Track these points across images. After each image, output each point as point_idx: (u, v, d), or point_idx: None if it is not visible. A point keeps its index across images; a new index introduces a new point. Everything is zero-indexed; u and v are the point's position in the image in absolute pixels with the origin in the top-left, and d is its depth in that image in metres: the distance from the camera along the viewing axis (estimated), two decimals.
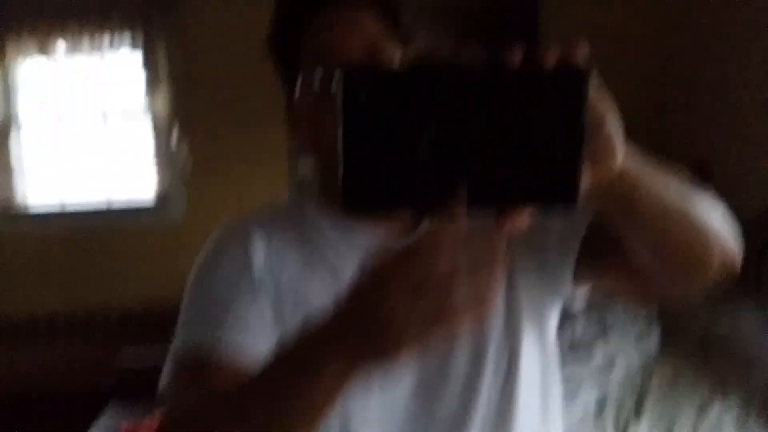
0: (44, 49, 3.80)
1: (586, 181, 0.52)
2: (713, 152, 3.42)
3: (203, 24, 3.85)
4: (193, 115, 3.86)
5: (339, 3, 0.83)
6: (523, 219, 0.51)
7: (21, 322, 4.05)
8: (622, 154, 0.56)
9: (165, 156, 3.91)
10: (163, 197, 3.96)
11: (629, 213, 0.62)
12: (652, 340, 2.86)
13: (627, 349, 2.80)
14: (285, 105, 0.90)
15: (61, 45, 3.81)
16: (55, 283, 4.02)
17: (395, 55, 0.82)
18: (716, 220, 0.70)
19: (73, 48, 3.81)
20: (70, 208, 3.99)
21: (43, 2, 3.74)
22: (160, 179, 3.96)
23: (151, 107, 3.84)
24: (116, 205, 3.98)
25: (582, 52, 0.50)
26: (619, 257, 0.76)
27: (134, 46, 3.81)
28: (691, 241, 0.67)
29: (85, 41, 3.78)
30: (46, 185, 3.99)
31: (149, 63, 3.80)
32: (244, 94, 3.85)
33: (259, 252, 0.84)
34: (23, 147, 3.94)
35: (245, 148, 3.92)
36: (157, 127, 3.88)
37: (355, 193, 0.48)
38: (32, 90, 3.94)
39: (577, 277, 0.86)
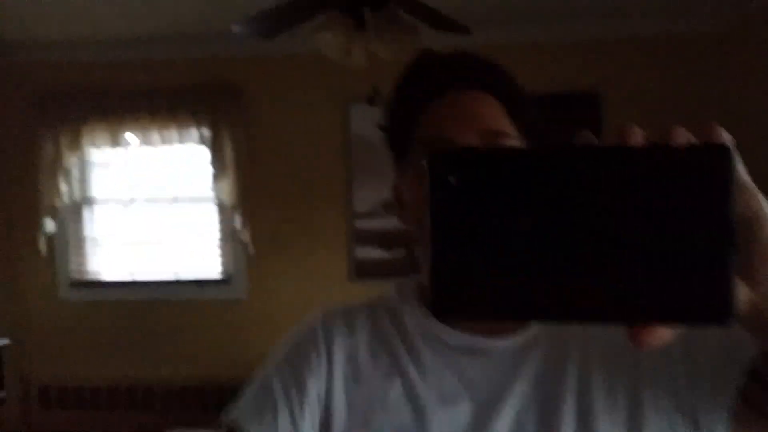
0: (116, 139, 4.17)
1: (741, 294, 0.38)
2: None
3: (266, 118, 4.11)
4: (256, 201, 4.02)
5: (457, 86, 0.75)
6: (663, 333, 0.37)
7: (84, 390, 4.26)
8: None
9: (229, 238, 4.01)
10: (227, 276, 4.21)
11: None
12: None
13: None
14: (393, 186, 0.82)
15: (132, 137, 4.20)
16: (117, 353, 4.25)
17: (513, 140, 0.74)
18: None
19: (144, 140, 4.18)
20: (139, 280, 4.28)
21: (115, 98, 4.14)
22: (224, 259, 4.19)
23: (217, 194, 4.06)
24: (183, 280, 4.26)
25: (720, 131, 0.38)
26: None
27: (201, 139, 4.16)
28: None
29: (155, 134, 4.15)
30: (118, 259, 4.31)
31: (216, 155, 4.11)
32: (304, 182, 3.97)
33: (339, 344, 0.77)
34: (97, 223, 4.30)
35: (304, 232, 4.04)
36: (222, 212, 4.00)
37: (445, 299, 0.39)
38: (106, 174, 4.32)
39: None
